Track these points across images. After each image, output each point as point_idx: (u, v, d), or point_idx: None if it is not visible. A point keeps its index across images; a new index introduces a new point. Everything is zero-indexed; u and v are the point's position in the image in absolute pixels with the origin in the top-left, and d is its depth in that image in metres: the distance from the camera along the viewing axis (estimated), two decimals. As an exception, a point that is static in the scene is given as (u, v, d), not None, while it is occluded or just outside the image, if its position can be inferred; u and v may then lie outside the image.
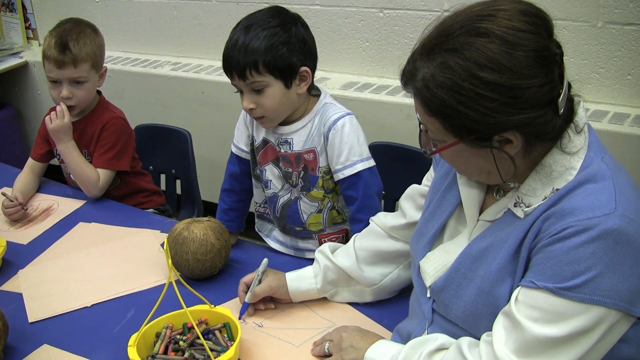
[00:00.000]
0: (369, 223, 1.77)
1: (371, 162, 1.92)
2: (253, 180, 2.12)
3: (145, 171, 2.67)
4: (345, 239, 2.02)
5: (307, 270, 1.76)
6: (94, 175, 2.37)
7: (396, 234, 1.69)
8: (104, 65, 2.45)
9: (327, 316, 1.71)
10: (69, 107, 2.37)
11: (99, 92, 2.51)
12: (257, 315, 1.73)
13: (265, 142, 2.01)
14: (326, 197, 1.98)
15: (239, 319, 1.71)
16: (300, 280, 1.74)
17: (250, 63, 1.79)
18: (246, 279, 1.75)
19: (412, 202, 1.65)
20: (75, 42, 2.31)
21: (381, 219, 1.73)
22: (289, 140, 1.95)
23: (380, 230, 1.72)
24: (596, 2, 2.51)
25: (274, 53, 1.80)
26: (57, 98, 2.36)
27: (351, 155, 1.89)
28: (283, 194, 2.03)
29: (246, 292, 1.72)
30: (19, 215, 2.32)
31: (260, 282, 1.72)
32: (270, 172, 2.03)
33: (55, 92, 2.36)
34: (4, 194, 2.37)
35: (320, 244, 1.98)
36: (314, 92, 1.97)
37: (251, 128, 2.05)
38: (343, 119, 1.90)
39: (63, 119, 2.33)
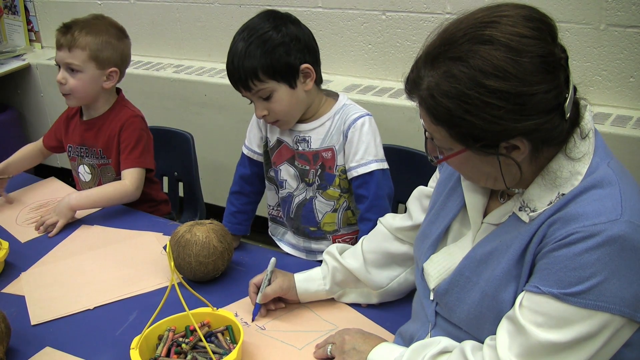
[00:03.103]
0: (377, 223, 1.78)
1: (385, 165, 1.95)
2: (266, 182, 2.14)
3: (157, 179, 2.64)
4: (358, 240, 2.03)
5: (316, 272, 1.76)
6: (118, 188, 2.33)
7: (402, 235, 1.69)
8: (115, 67, 2.37)
9: (330, 319, 1.71)
10: (66, 95, 2.36)
11: (118, 91, 2.49)
12: (260, 316, 1.73)
13: (279, 142, 2.02)
14: (342, 196, 2.00)
15: (252, 320, 1.71)
16: (309, 282, 1.74)
17: (250, 73, 1.82)
18: (255, 279, 1.75)
19: (419, 204, 1.65)
20: (80, 29, 2.29)
21: (388, 221, 1.73)
22: (307, 138, 1.97)
23: (387, 232, 1.72)
24: (599, 5, 2.51)
25: (271, 57, 1.82)
26: (58, 81, 2.36)
27: (367, 154, 1.91)
28: (298, 193, 2.04)
29: (256, 293, 1.72)
30: None
31: (269, 281, 1.72)
32: (286, 172, 2.04)
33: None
34: None
35: None
36: (328, 93, 1.99)
37: (264, 129, 2.07)
38: (363, 118, 1.93)
39: (52, 224, 2.25)
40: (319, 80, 1.95)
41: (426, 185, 1.66)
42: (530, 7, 1.19)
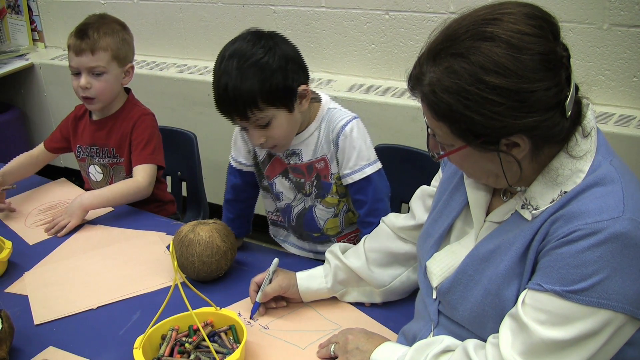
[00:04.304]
0: (379, 224, 1.77)
1: (378, 165, 1.92)
2: (262, 191, 2.10)
3: (163, 179, 2.63)
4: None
5: (318, 270, 1.76)
6: (130, 185, 2.32)
7: (405, 235, 1.69)
8: (131, 63, 2.40)
9: (333, 318, 1.71)
10: (89, 99, 2.35)
11: (127, 90, 2.50)
12: (263, 316, 1.73)
13: (270, 155, 1.97)
14: (341, 201, 1.98)
15: (251, 317, 1.71)
16: (310, 280, 1.74)
17: (249, 103, 1.72)
18: (257, 278, 1.75)
19: (422, 203, 1.65)
20: (95, 30, 2.29)
21: (391, 220, 1.73)
22: (297, 151, 1.92)
23: (390, 231, 1.72)
24: (602, 5, 2.51)
25: (270, 85, 1.72)
26: (76, 88, 2.33)
27: (359, 159, 1.88)
28: (297, 204, 2.01)
29: (257, 292, 1.72)
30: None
31: (271, 281, 1.72)
32: (281, 185, 2.00)
33: (76, 83, 2.33)
34: None
35: None
36: (313, 99, 1.94)
37: (250, 143, 1.98)
38: (350, 123, 1.88)
39: (63, 226, 2.24)
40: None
41: (429, 185, 1.66)
42: (533, 5, 1.20)
